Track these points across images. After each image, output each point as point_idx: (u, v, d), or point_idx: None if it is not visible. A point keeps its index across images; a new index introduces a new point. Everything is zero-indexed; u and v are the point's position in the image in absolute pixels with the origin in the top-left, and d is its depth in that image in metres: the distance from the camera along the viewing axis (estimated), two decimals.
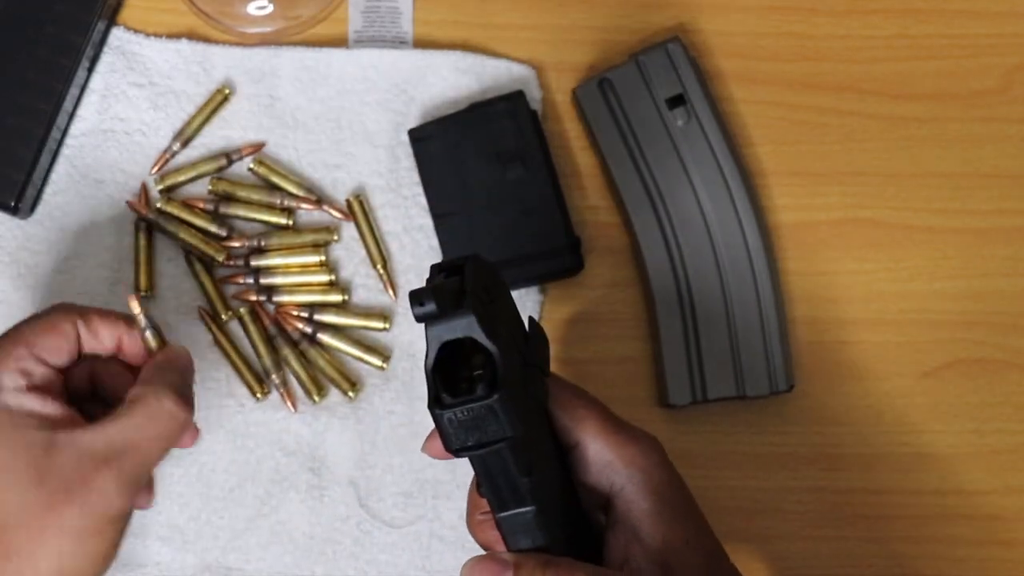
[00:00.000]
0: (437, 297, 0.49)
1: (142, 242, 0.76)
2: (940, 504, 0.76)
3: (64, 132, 0.77)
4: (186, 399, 0.61)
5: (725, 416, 0.76)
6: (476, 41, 0.79)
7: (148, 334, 0.64)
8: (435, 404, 0.50)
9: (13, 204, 0.75)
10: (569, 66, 0.79)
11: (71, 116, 0.77)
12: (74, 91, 0.76)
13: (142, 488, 0.61)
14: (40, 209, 0.77)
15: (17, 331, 0.61)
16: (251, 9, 0.79)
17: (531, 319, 0.57)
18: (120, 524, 0.58)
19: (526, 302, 0.76)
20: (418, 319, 0.50)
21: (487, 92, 0.78)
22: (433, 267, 0.52)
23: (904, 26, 0.80)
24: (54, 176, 0.77)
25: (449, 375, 0.51)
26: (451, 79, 0.78)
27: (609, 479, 0.56)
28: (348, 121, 0.78)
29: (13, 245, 0.76)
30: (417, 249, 0.77)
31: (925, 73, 0.80)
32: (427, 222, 0.77)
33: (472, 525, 0.58)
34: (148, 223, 0.76)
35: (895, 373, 0.77)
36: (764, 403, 0.76)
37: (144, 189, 0.77)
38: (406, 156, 0.77)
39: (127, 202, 0.76)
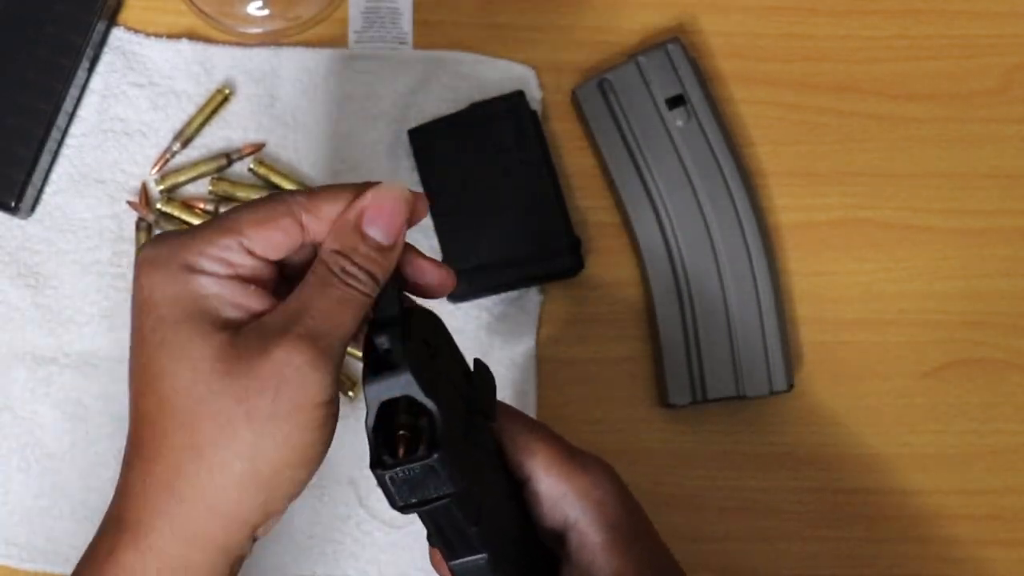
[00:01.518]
0: (371, 359, 0.49)
1: (142, 242, 0.76)
2: (940, 504, 0.76)
3: (64, 132, 0.77)
4: (377, 249, 0.50)
5: (725, 416, 0.76)
6: (476, 42, 0.79)
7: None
8: (376, 465, 0.50)
9: (13, 204, 0.75)
10: (569, 66, 0.79)
11: (71, 116, 0.77)
12: (74, 91, 0.76)
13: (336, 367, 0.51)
14: (40, 209, 0.77)
15: (230, 219, 0.51)
16: (251, 9, 0.79)
17: (476, 361, 0.56)
18: (319, 410, 0.49)
19: (525, 303, 0.76)
20: None
21: (487, 92, 0.78)
22: (369, 324, 0.51)
23: (904, 26, 0.80)
24: (54, 176, 0.77)
25: (391, 431, 0.50)
26: (451, 80, 0.78)
27: (563, 512, 0.56)
28: (348, 122, 0.78)
29: (13, 245, 0.76)
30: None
31: (925, 73, 0.80)
32: (427, 222, 0.77)
33: (434, 564, 0.58)
34: (148, 223, 0.76)
35: (895, 373, 0.77)
36: (764, 403, 0.76)
37: (144, 189, 0.77)
38: (406, 156, 0.77)
39: (127, 202, 0.76)
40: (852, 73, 0.80)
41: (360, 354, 0.75)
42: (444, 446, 0.49)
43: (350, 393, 0.75)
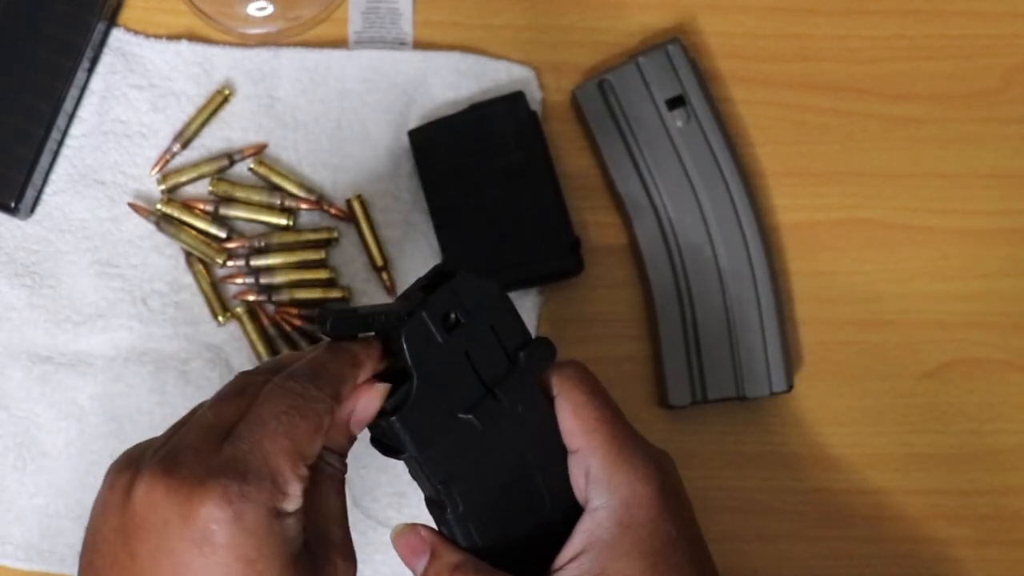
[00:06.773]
0: (335, 319, 0.52)
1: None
2: (940, 504, 0.76)
3: (64, 133, 0.77)
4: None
5: (725, 416, 0.76)
6: (476, 42, 0.79)
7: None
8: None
9: (13, 204, 0.75)
10: (569, 67, 0.79)
11: (71, 117, 0.77)
12: (74, 92, 0.76)
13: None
14: (40, 209, 0.77)
15: (292, 440, 0.50)
16: (251, 10, 0.79)
17: (539, 338, 0.57)
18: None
19: (525, 303, 0.76)
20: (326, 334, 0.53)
21: (487, 93, 0.78)
22: (427, 275, 0.55)
23: (904, 26, 0.80)
24: (54, 176, 0.77)
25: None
26: (451, 80, 0.78)
27: (590, 494, 0.55)
28: (348, 122, 0.78)
29: (12, 245, 0.76)
30: (417, 250, 0.77)
31: (925, 73, 0.80)
32: (427, 223, 0.77)
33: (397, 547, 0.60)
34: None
35: (895, 373, 0.77)
36: (764, 403, 0.75)
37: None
38: (406, 157, 0.77)
39: (129, 203, 0.76)
40: (852, 73, 0.80)
41: None
42: (402, 414, 0.53)
43: None
